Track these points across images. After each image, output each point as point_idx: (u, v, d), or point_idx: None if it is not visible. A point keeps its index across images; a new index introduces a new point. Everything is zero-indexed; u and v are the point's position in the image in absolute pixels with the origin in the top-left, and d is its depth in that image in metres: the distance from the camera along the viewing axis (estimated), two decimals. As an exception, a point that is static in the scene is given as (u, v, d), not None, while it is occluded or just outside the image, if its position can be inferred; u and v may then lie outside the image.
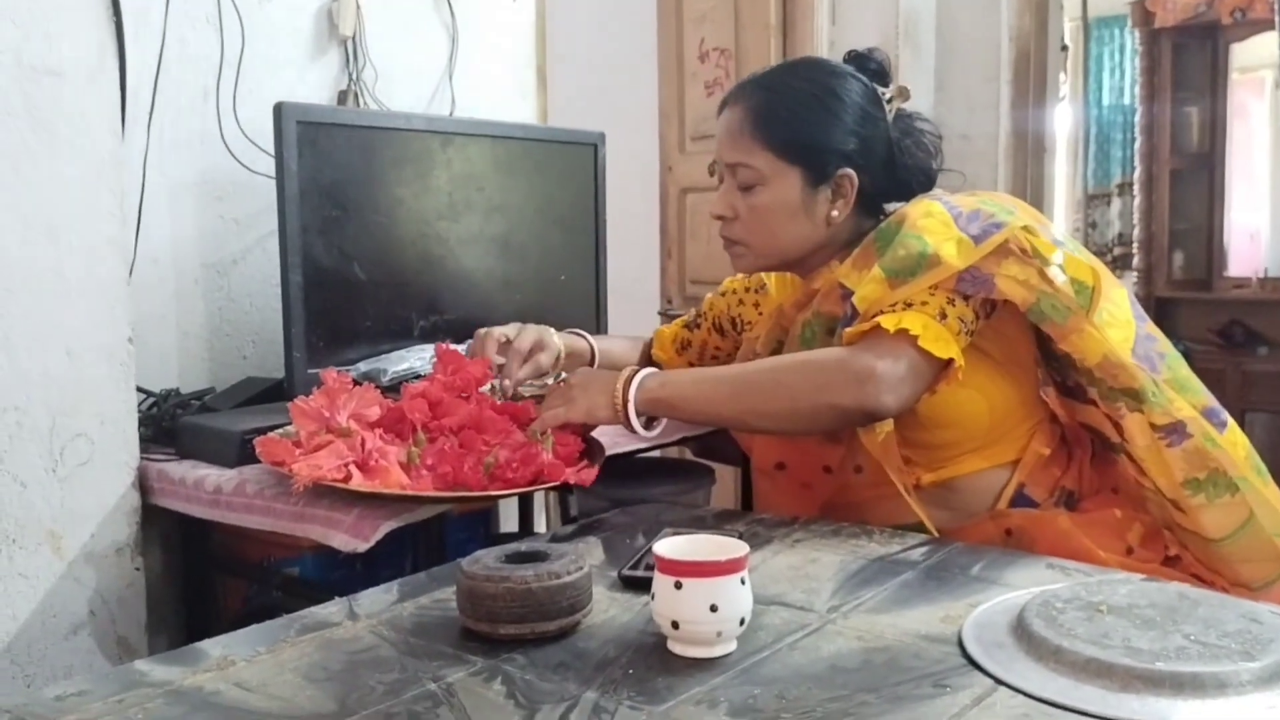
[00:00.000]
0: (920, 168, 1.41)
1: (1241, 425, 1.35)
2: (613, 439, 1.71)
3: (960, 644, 0.92)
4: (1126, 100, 4.96)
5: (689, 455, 2.14)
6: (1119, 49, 5.00)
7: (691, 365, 1.67)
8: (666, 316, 3.33)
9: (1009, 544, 1.29)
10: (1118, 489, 1.37)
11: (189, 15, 1.81)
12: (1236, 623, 0.89)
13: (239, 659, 0.93)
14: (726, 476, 2.32)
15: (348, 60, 2.01)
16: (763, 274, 1.57)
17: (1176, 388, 1.28)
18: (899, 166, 1.39)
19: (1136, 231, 4.64)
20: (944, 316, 1.23)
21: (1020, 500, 1.33)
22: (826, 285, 1.36)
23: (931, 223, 1.28)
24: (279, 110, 1.61)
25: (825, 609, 1.02)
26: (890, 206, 1.41)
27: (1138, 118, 4.61)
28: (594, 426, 1.40)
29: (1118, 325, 1.28)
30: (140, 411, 1.62)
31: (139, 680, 0.89)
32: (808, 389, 1.22)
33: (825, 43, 2.81)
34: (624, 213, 3.28)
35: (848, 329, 1.26)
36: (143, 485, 1.59)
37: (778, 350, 1.44)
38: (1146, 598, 0.95)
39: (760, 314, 1.56)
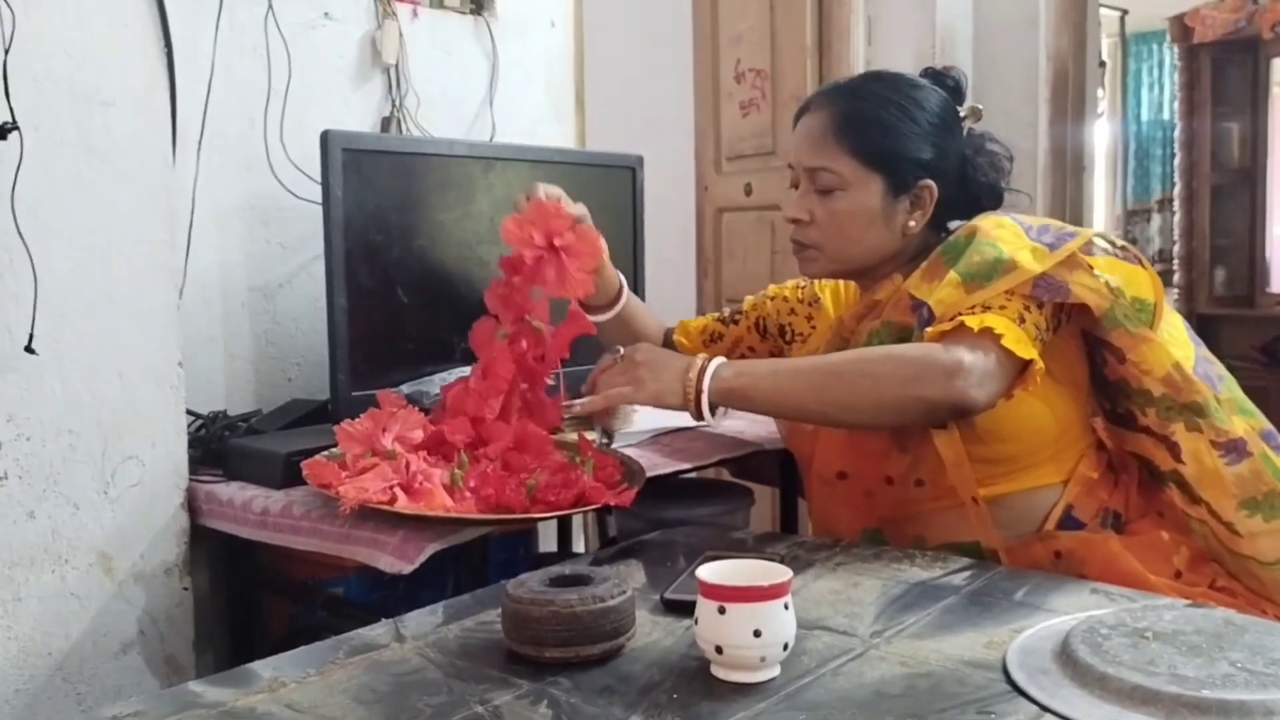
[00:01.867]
0: (991, 185, 1.42)
1: (1283, 443, 1.35)
2: (652, 461, 1.73)
3: (1005, 670, 0.92)
4: (1166, 116, 4.93)
5: (726, 476, 2.15)
6: (1158, 65, 4.97)
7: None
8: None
9: (1058, 566, 1.29)
10: (1163, 514, 1.36)
11: (237, 44, 1.85)
12: (1284, 650, 0.88)
13: (290, 680, 0.95)
14: (765, 497, 2.32)
15: (390, 87, 2.04)
16: (816, 288, 1.58)
17: (1235, 409, 1.29)
18: (971, 183, 1.40)
19: (1177, 248, 4.60)
20: (1022, 320, 1.24)
21: (1068, 522, 1.33)
22: (893, 296, 1.36)
23: (1004, 233, 1.30)
24: (325, 138, 1.64)
25: (868, 634, 1.02)
26: (954, 224, 1.42)
27: (1177, 133, 4.58)
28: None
29: (1178, 345, 1.30)
30: (189, 433, 1.65)
31: (193, 701, 0.91)
32: (895, 381, 1.21)
33: (861, 63, 2.81)
34: (661, 232, 3.29)
35: (929, 328, 1.26)
36: (191, 506, 1.62)
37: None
38: (1192, 624, 0.94)
39: (813, 327, 1.56)
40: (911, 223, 1.38)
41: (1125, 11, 4.90)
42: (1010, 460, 1.32)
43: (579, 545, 2.33)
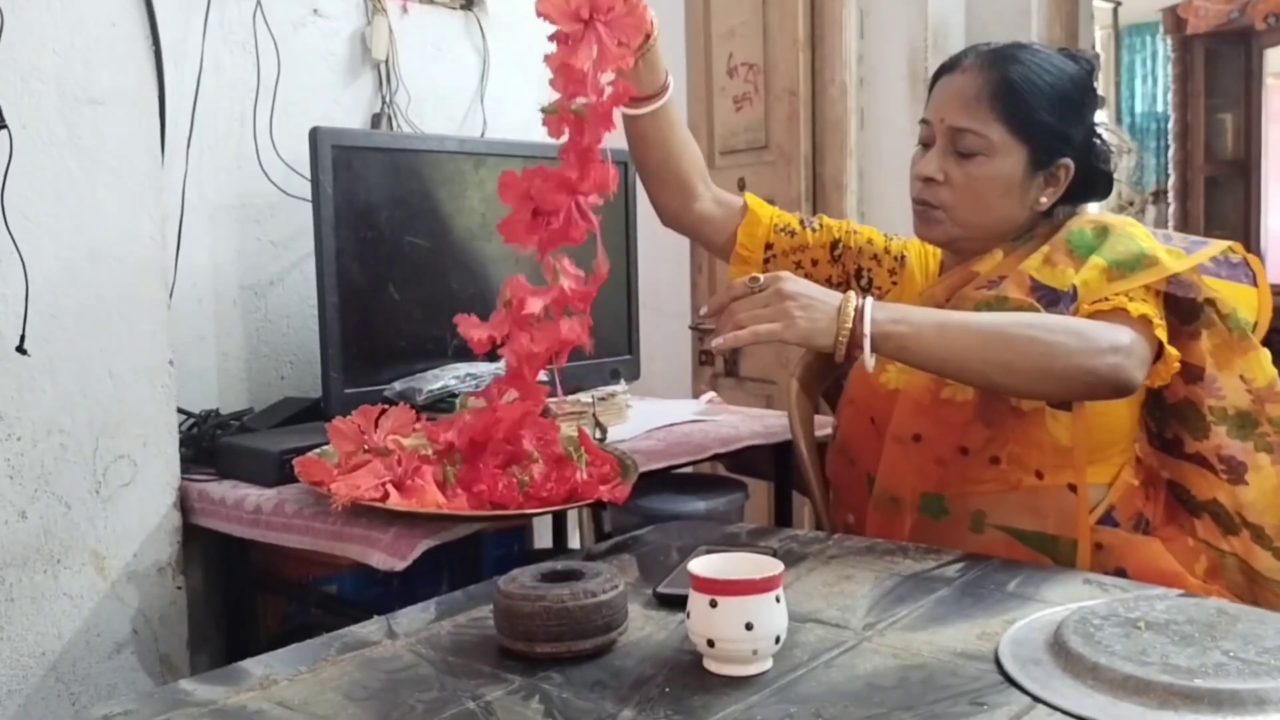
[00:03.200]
0: (1107, 174, 1.40)
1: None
2: (646, 456, 1.72)
3: (997, 661, 0.92)
4: (1160, 107, 4.93)
5: (722, 470, 2.15)
6: (1151, 56, 4.97)
7: (769, 261, 1.52)
8: (698, 331, 3.34)
9: (1097, 558, 1.29)
10: (1183, 526, 1.36)
11: (226, 41, 1.84)
12: (1275, 639, 0.88)
13: (281, 678, 0.94)
14: (759, 492, 2.32)
15: (381, 84, 2.03)
16: (905, 249, 1.53)
17: None
18: (1091, 168, 1.38)
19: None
20: (1159, 315, 1.25)
21: (1106, 520, 1.32)
22: (994, 269, 1.35)
23: (1139, 231, 1.31)
24: (315, 135, 1.63)
25: (861, 626, 1.02)
26: (1059, 211, 1.40)
27: (1171, 125, 4.57)
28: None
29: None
30: (180, 432, 1.65)
31: (184, 700, 0.91)
32: (1066, 350, 1.17)
33: (854, 57, 2.81)
34: (655, 227, 3.30)
35: (1087, 306, 1.25)
36: (184, 505, 1.62)
37: None
38: (1185, 614, 0.94)
39: (894, 283, 1.51)
40: (1044, 199, 1.36)
41: (1119, 3, 4.89)
42: (1083, 448, 1.31)
43: (574, 540, 2.33)
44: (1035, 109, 1.32)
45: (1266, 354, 1.30)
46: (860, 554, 1.25)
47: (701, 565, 0.96)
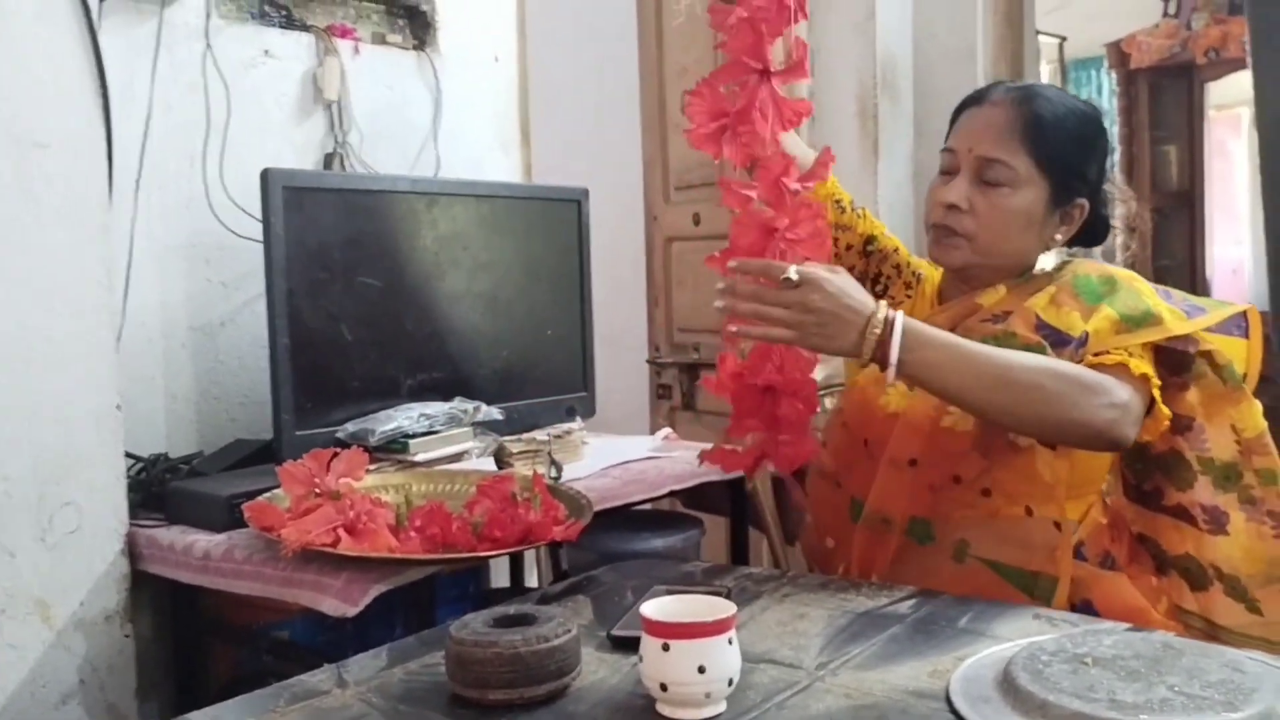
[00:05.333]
0: (1107, 220, 1.43)
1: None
2: (603, 493, 1.72)
3: (948, 699, 0.92)
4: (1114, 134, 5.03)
5: (679, 507, 2.15)
6: (1097, 90, 5.07)
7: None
8: (655, 365, 3.34)
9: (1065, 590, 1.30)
10: (1145, 567, 1.38)
11: (175, 83, 1.83)
12: (1219, 672, 0.89)
13: (228, 732, 0.93)
14: (717, 527, 2.32)
15: (333, 123, 2.03)
16: (920, 267, 1.53)
17: None
18: (1097, 213, 1.41)
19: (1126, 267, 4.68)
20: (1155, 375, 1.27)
21: (1076, 554, 1.33)
22: (997, 304, 1.36)
23: (1144, 287, 1.33)
24: (265, 176, 1.63)
25: (814, 666, 1.02)
26: (1061, 254, 1.43)
27: (1117, 157, 4.66)
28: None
29: None
30: (129, 477, 1.63)
31: (127, 756, 0.89)
32: (1066, 402, 1.20)
33: (805, 93, 2.84)
34: (611, 262, 3.31)
35: (1091, 356, 1.27)
36: (132, 552, 1.59)
37: None
38: (1131, 648, 0.95)
39: (909, 296, 1.52)
40: (1058, 236, 1.39)
41: (1064, 38, 4.99)
42: (1064, 484, 1.32)
43: (533, 579, 2.32)
44: (1060, 146, 1.35)
45: (1258, 405, 1.32)
46: (814, 591, 1.25)
47: (654, 608, 0.96)
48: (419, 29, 2.20)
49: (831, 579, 1.30)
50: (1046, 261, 1.43)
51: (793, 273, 1.17)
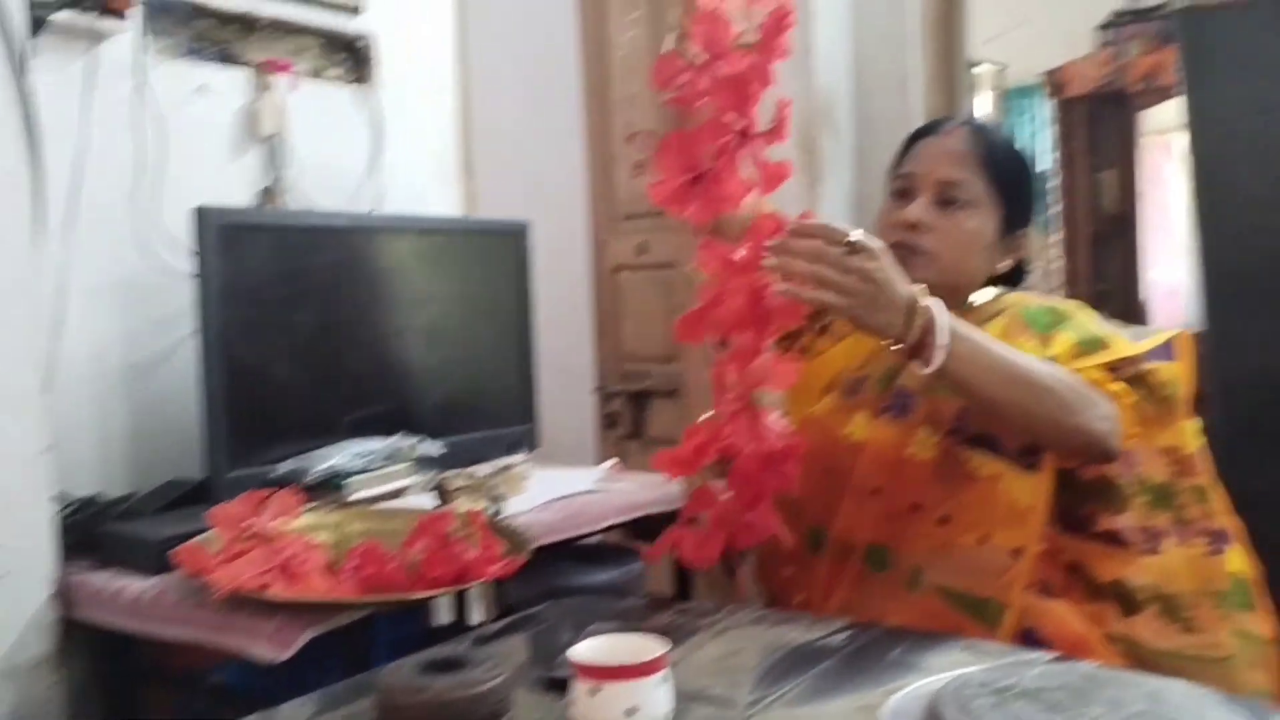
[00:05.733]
0: (1027, 260, 1.49)
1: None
2: (545, 527, 1.72)
3: (876, 735, 0.93)
4: (1045, 166, 5.12)
5: (625, 538, 2.14)
6: (1035, 117, 5.17)
7: None
8: (602, 394, 3.34)
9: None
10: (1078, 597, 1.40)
11: (107, 121, 1.81)
12: (1140, 703, 0.90)
13: (149, 786, 0.91)
14: (659, 567, 2.31)
15: (270, 158, 2.02)
16: None
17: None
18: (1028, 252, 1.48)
19: (1061, 293, 4.76)
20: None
21: None
22: None
23: (1087, 315, 1.38)
24: (199, 215, 1.62)
25: (746, 703, 1.02)
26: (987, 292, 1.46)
27: (1056, 182, 4.75)
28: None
29: None
30: (61, 520, 1.60)
31: (44, 815, 0.87)
32: (1074, 408, 1.22)
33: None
34: (558, 291, 3.30)
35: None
36: (63, 597, 1.56)
37: (889, 380, 1.42)
38: (1056, 679, 0.96)
39: (821, 334, 1.53)
40: (1002, 265, 1.43)
41: (1003, 66, 5.09)
42: (1039, 516, 1.34)
43: (478, 614, 2.30)
44: (1013, 175, 1.41)
45: (1192, 424, 1.35)
46: (751, 625, 1.25)
47: (585, 650, 0.96)
48: (358, 63, 2.20)
49: (768, 612, 1.31)
50: (979, 296, 1.45)
51: (856, 235, 1.15)
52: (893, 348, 1.19)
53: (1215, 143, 2.75)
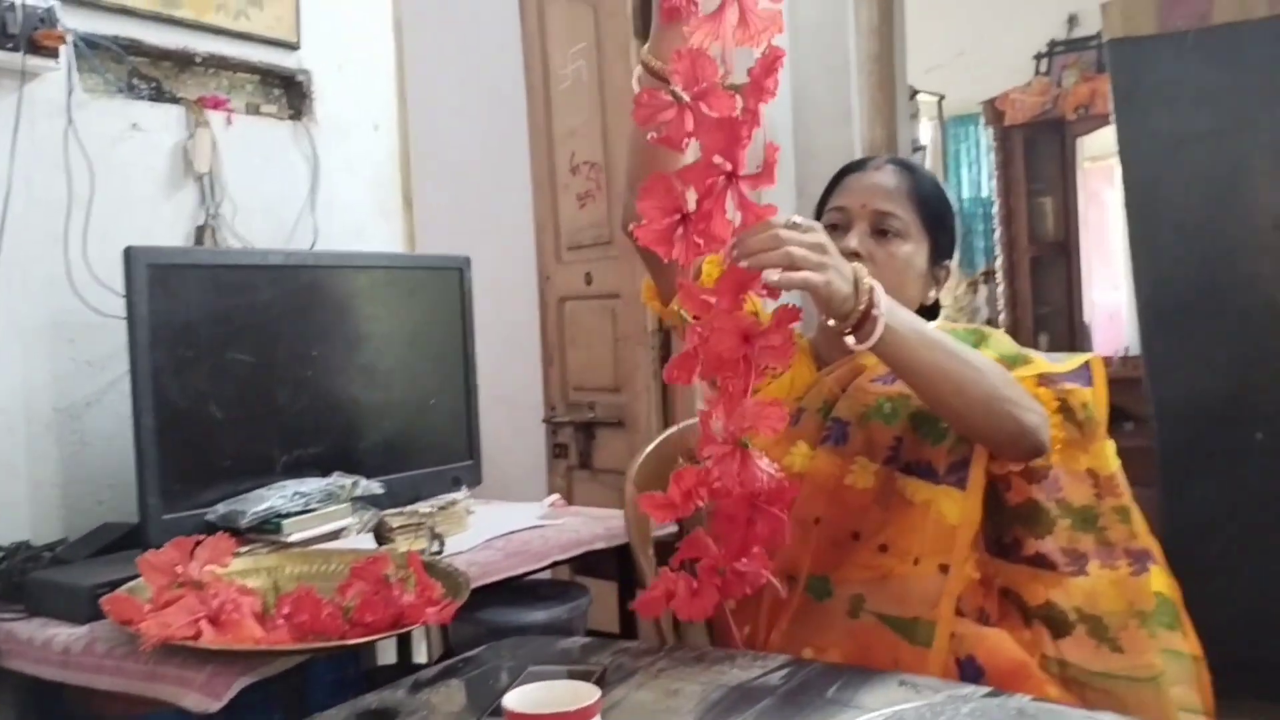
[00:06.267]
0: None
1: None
2: (485, 567, 1.70)
3: (810, 777, 0.92)
4: (984, 193, 5.20)
5: (568, 573, 2.13)
6: (975, 145, 5.25)
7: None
8: (550, 424, 3.33)
9: (951, 646, 1.31)
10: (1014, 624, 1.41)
11: (36, 160, 1.79)
12: (1069, 738, 0.91)
13: None
14: (608, 593, 2.31)
15: (204, 196, 2.00)
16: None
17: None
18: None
19: (1003, 316, 4.83)
20: None
21: (955, 611, 1.34)
22: (878, 362, 1.38)
23: (1006, 336, 1.44)
24: (128, 255, 1.59)
25: (682, 746, 1.02)
26: None
27: (996, 209, 4.84)
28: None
29: None
30: (-9, 567, 1.56)
31: None
32: (1006, 395, 1.25)
33: (690, 155, 2.89)
34: (506, 322, 3.30)
35: None
36: (-10, 647, 1.52)
37: (827, 411, 1.43)
38: (988, 715, 0.97)
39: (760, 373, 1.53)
40: (931, 294, 1.48)
41: (942, 96, 5.18)
42: (966, 532, 1.35)
43: (421, 653, 2.28)
44: (938, 208, 1.47)
45: (1111, 445, 1.38)
46: (689, 664, 1.25)
47: (516, 698, 0.95)
48: (295, 98, 2.19)
49: (708, 650, 1.30)
50: None
51: (796, 218, 1.17)
52: (838, 324, 1.20)
53: (1146, 169, 2.82)
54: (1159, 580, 1.35)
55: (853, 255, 1.39)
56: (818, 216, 1.49)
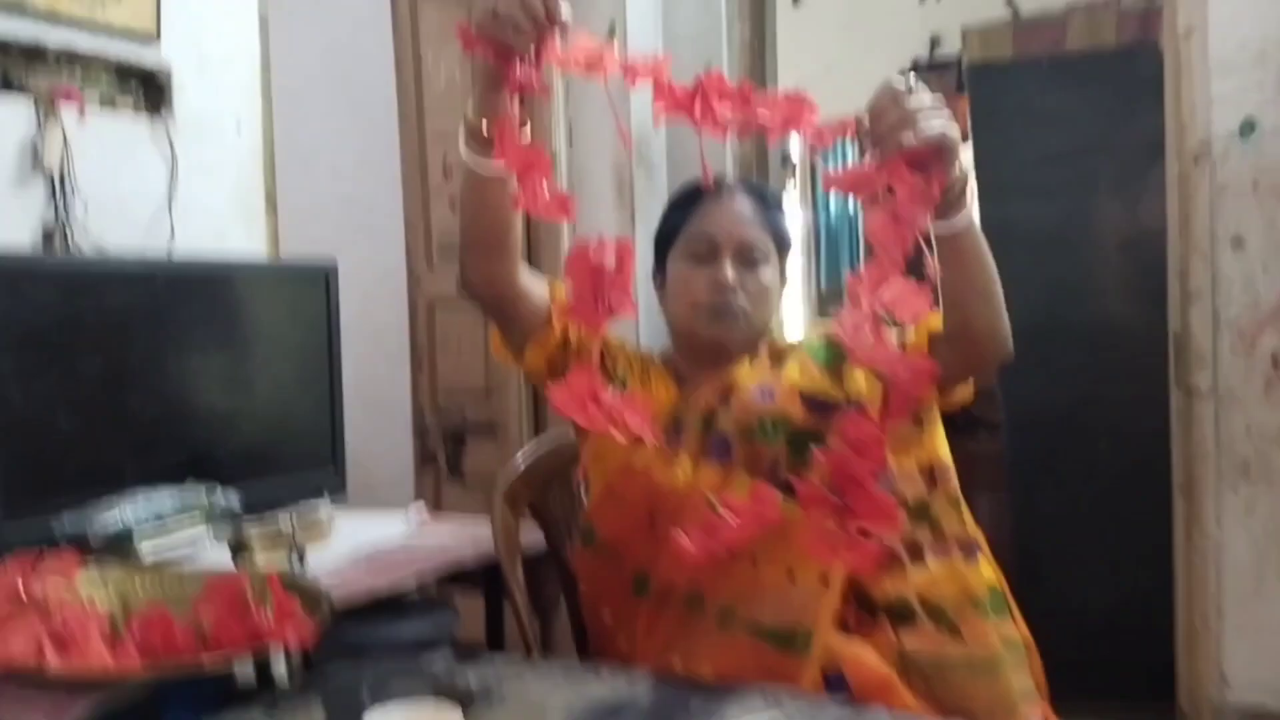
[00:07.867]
0: None
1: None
2: (347, 586, 1.67)
3: (671, 794, 0.93)
4: (852, 210, 5.34)
5: (434, 586, 2.11)
6: (843, 161, 5.38)
7: (566, 349, 1.49)
8: (419, 430, 3.29)
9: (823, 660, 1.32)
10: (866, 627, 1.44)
11: None
12: (920, 750, 0.94)
13: None
14: (474, 611, 2.29)
15: (54, 193, 1.90)
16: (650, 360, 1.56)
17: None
18: None
19: (870, 327, 4.96)
20: None
21: None
22: (765, 382, 1.43)
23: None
24: (-32, 256, 1.51)
25: (546, 764, 1.02)
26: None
27: (861, 222, 4.97)
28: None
29: None
30: None
31: None
32: (1000, 297, 1.33)
33: (564, 164, 2.89)
34: (374, 327, 3.24)
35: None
36: None
37: (708, 424, 1.44)
38: (844, 728, 1.00)
39: (645, 380, 1.53)
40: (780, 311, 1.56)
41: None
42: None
43: (277, 672, 2.21)
44: (781, 225, 1.53)
45: (940, 432, 1.43)
46: (554, 679, 1.25)
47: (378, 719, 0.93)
48: (152, 93, 2.11)
49: (573, 665, 1.30)
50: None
51: (912, 79, 1.20)
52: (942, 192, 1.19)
53: (999, 188, 2.94)
54: (987, 570, 1.40)
55: (729, 287, 1.46)
56: (666, 237, 1.53)
